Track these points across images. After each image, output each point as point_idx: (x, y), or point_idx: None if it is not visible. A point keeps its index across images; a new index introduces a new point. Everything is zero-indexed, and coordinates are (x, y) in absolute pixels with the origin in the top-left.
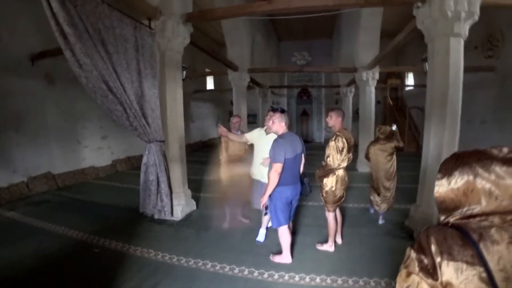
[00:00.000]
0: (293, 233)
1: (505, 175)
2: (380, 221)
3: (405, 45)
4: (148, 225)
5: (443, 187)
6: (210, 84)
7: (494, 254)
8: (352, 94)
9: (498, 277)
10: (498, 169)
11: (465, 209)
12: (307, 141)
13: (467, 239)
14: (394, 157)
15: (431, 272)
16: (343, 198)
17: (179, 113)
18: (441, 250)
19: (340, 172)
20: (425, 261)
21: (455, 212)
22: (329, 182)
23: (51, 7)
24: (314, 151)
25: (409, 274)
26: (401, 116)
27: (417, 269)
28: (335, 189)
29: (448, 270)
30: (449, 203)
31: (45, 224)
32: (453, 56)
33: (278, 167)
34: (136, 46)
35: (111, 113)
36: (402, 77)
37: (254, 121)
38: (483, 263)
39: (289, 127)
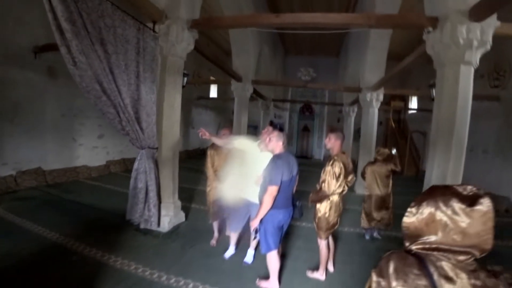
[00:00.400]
0: (283, 255)
1: (459, 211)
2: (376, 236)
3: (411, 67)
4: (132, 234)
5: (412, 215)
6: (213, 92)
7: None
8: (354, 113)
9: None
10: (455, 205)
11: (424, 237)
12: (306, 157)
13: (424, 269)
14: (390, 180)
15: None
16: (337, 225)
17: (175, 120)
18: (397, 276)
19: (335, 198)
20: (383, 283)
21: (417, 240)
22: (323, 208)
23: (50, 0)
24: (313, 168)
25: None
26: (402, 139)
27: None
28: (329, 215)
29: None
30: (412, 231)
31: (26, 222)
32: (462, 84)
33: (274, 190)
34: (137, 48)
35: (104, 115)
36: (406, 100)
37: (254, 133)
38: None
39: (287, 144)
